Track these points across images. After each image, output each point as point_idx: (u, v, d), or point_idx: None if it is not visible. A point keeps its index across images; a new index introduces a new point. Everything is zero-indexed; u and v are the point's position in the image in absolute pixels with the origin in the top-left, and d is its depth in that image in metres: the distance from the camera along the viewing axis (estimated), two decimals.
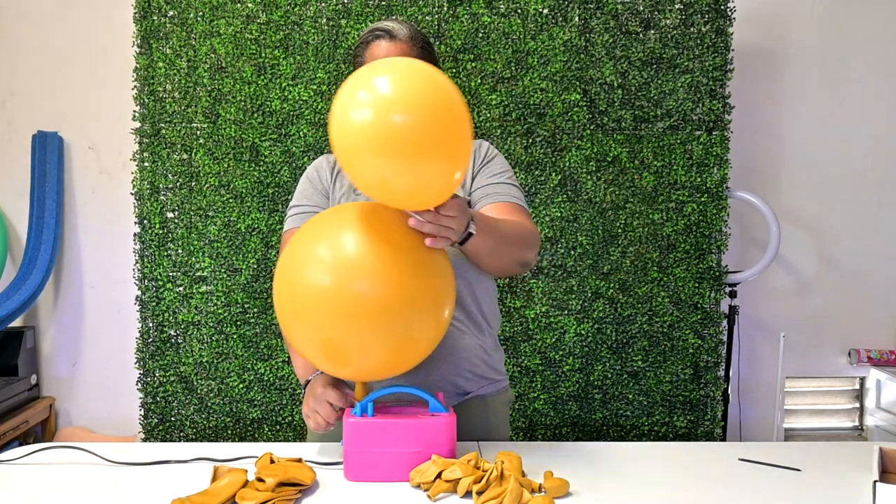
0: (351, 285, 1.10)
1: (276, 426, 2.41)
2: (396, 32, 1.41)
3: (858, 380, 2.90)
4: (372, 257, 1.11)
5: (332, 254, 1.12)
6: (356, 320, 1.11)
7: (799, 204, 2.79)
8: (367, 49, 1.42)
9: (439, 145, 1.05)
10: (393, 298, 1.11)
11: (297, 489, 1.10)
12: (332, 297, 1.10)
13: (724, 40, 2.38)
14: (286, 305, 1.16)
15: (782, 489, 1.17)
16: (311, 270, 1.13)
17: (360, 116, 1.03)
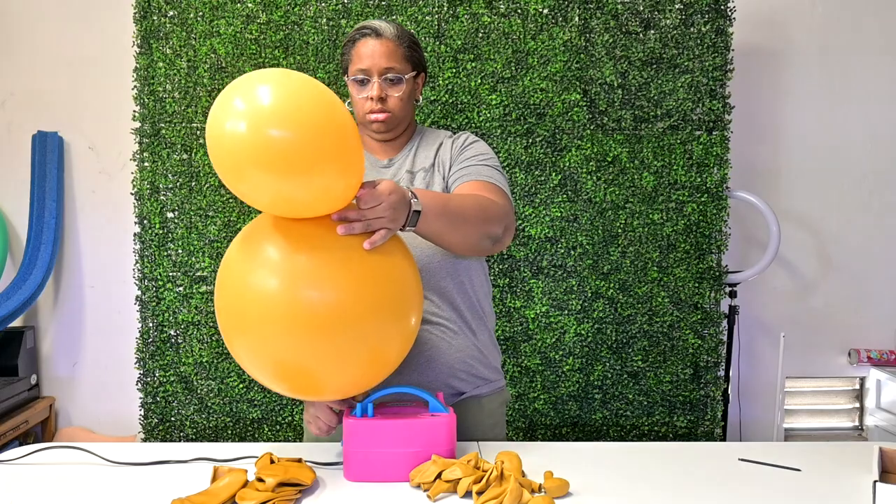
0: (301, 296, 1.03)
1: (276, 426, 2.41)
2: (383, 31, 1.41)
3: (858, 380, 2.90)
4: (321, 266, 1.05)
5: (280, 265, 1.06)
6: (310, 335, 1.04)
7: (799, 204, 2.79)
8: (354, 47, 1.42)
9: (326, 159, 1.01)
10: (347, 308, 1.05)
11: (297, 489, 1.10)
12: (281, 311, 1.03)
13: (724, 40, 2.38)
14: (230, 321, 1.09)
15: (782, 489, 1.17)
16: (259, 281, 1.05)
17: (237, 129, 0.97)
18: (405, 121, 1.47)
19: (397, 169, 1.48)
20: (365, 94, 1.41)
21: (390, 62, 1.40)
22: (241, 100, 0.98)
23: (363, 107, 1.43)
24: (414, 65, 1.45)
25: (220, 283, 1.12)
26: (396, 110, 1.43)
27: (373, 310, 1.08)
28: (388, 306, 1.11)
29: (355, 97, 1.44)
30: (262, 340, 1.06)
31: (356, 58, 1.41)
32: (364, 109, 1.43)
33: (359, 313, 1.07)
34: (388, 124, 1.43)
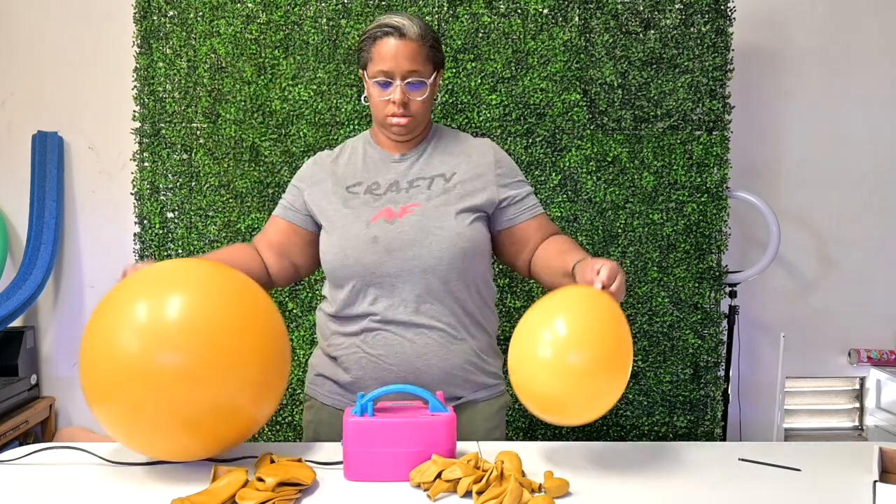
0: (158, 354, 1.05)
1: (276, 426, 2.41)
2: (406, 30, 1.36)
3: (858, 380, 2.90)
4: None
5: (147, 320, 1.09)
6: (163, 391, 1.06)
7: (799, 204, 2.79)
8: (375, 45, 1.38)
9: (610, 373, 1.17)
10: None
11: (297, 489, 1.10)
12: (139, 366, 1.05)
13: (724, 40, 2.38)
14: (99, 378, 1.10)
15: (782, 489, 1.17)
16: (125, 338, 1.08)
17: (543, 353, 1.12)
18: (424, 119, 1.46)
19: (410, 166, 1.46)
20: (387, 98, 1.39)
21: (414, 65, 1.37)
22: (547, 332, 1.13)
23: (384, 109, 1.40)
24: (435, 64, 1.42)
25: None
26: (419, 114, 1.41)
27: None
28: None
29: (375, 98, 1.41)
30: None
31: (377, 57, 1.37)
32: (385, 112, 1.40)
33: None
34: (408, 128, 1.42)
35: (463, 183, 1.43)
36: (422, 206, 1.40)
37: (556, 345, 1.11)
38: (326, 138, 2.35)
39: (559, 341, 1.12)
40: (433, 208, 1.40)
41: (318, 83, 2.35)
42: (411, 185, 1.44)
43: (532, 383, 1.13)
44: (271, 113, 2.35)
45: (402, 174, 1.45)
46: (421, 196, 1.42)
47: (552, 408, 1.14)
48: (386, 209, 1.40)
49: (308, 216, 1.49)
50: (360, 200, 1.43)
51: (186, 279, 1.14)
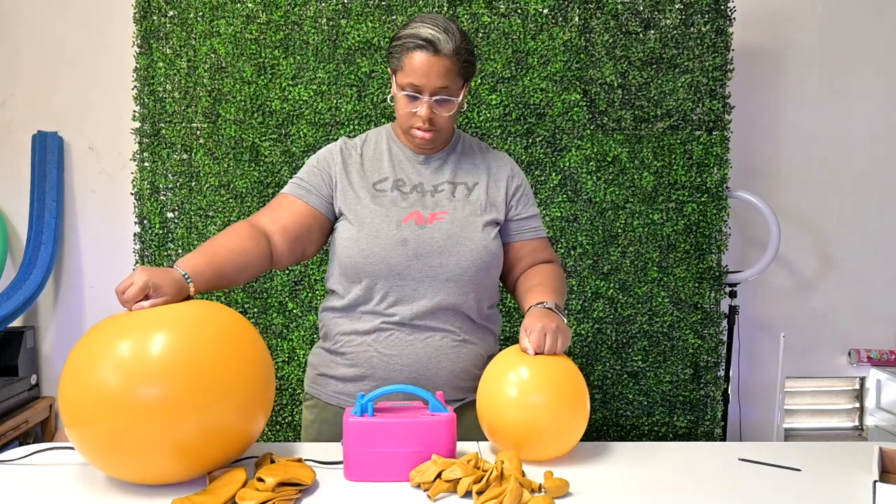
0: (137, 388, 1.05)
1: (276, 426, 2.41)
2: (441, 46, 1.32)
3: (858, 380, 2.90)
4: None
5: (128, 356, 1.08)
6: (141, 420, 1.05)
7: (799, 204, 2.79)
8: (406, 55, 1.34)
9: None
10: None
11: (297, 489, 1.10)
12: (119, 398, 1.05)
13: (724, 40, 2.38)
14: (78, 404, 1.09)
15: (782, 489, 1.17)
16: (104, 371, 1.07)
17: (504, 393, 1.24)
18: (449, 132, 1.46)
19: (434, 170, 1.46)
20: (413, 111, 1.38)
21: (444, 82, 1.34)
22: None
23: (409, 119, 1.39)
24: (466, 77, 1.40)
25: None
26: (444, 128, 1.41)
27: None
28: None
29: (401, 108, 1.40)
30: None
31: (408, 69, 1.34)
32: (410, 122, 1.39)
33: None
34: (432, 141, 1.42)
35: (485, 195, 1.46)
36: (451, 215, 1.41)
37: (521, 386, 1.24)
38: (326, 138, 2.35)
39: (523, 384, 1.24)
40: (462, 218, 1.41)
41: (318, 83, 2.35)
42: (436, 190, 1.44)
43: (501, 419, 1.25)
44: (271, 113, 2.35)
45: (426, 177, 1.45)
46: (447, 203, 1.42)
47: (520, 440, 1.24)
48: (415, 212, 1.40)
49: (330, 204, 1.45)
50: (389, 199, 1.42)
51: (166, 315, 1.15)
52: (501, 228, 1.48)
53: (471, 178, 1.47)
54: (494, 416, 1.25)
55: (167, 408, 1.05)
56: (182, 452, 1.08)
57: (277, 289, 2.37)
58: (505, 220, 1.48)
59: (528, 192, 1.52)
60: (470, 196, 1.44)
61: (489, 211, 1.44)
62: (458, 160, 1.48)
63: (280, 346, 2.38)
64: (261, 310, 2.38)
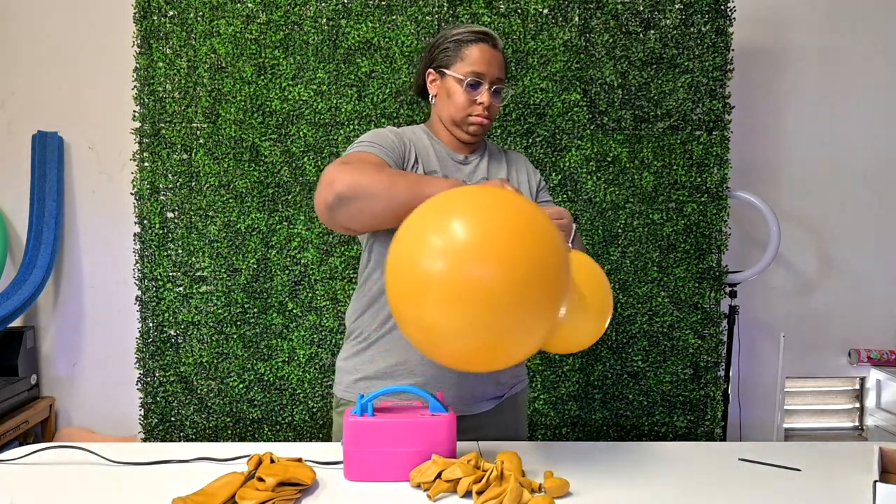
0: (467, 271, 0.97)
1: (276, 426, 2.41)
2: (497, 42, 1.45)
3: (858, 380, 2.90)
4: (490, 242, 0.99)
5: (449, 239, 0.99)
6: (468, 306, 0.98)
7: (799, 204, 2.79)
8: (466, 48, 1.43)
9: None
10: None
11: (297, 489, 1.10)
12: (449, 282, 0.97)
13: (724, 40, 2.38)
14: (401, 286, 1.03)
15: (782, 489, 1.17)
16: (426, 257, 0.99)
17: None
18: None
19: (474, 169, 1.51)
20: (475, 98, 1.44)
21: (501, 73, 1.46)
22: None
23: (467, 108, 1.44)
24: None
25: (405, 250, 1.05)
26: (493, 117, 1.48)
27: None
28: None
29: (460, 97, 1.44)
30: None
31: (470, 60, 1.42)
32: (468, 111, 1.45)
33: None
34: (485, 129, 1.48)
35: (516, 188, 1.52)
36: None
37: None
38: (326, 138, 2.35)
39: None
40: None
41: (318, 83, 2.35)
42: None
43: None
44: (271, 113, 2.35)
45: (467, 176, 1.50)
46: None
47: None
48: None
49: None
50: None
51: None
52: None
53: (501, 174, 1.54)
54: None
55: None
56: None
57: (277, 289, 2.37)
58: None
59: (544, 185, 1.63)
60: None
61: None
62: (488, 161, 1.54)
63: (280, 346, 2.38)
64: (261, 310, 2.38)
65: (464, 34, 1.44)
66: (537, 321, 1.03)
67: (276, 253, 2.37)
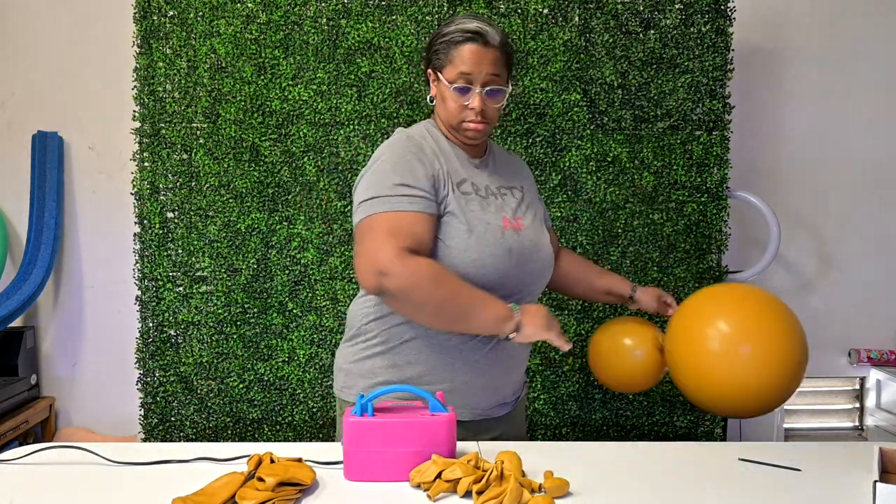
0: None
1: (276, 426, 2.41)
2: (490, 37, 1.35)
3: (858, 380, 2.90)
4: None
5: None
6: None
7: (799, 204, 2.79)
8: (455, 49, 1.35)
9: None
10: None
11: (297, 489, 1.10)
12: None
13: (724, 40, 2.38)
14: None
15: (782, 489, 1.17)
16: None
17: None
18: (493, 128, 1.49)
19: (489, 172, 1.48)
20: (465, 103, 1.37)
21: (495, 70, 1.36)
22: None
23: (459, 114, 1.38)
24: (508, 74, 1.42)
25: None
26: (493, 121, 1.41)
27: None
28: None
29: (451, 102, 1.38)
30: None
31: (458, 61, 1.35)
32: (461, 116, 1.39)
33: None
34: (483, 133, 1.41)
35: (528, 196, 1.52)
36: (525, 219, 1.44)
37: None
38: (326, 138, 2.35)
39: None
40: (531, 220, 1.47)
41: (318, 83, 2.35)
42: (499, 193, 1.45)
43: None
44: (271, 113, 2.35)
45: (485, 179, 1.44)
46: (517, 206, 1.46)
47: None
48: (505, 217, 1.40)
49: (437, 201, 1.36)
50: (476, 202, 1.38)
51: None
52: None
53: (515, 180, 1.52)
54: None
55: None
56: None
57: (277, 289, 2.37)
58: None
59: (534, 183, 1.63)
60: (522, 201, 1.48)
61: (540, 214, 1.54)
62: (495, 163, 1.50)
63: (280, 347, 2.38)
64: (261, 310, 2.38)
65: (454, 33, 1.36)
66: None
67: (276, 253, 2.37)
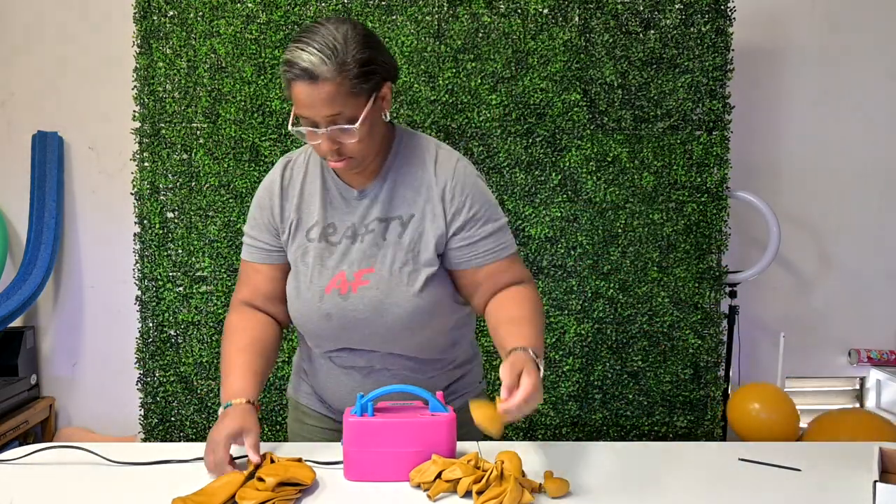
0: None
1: (276, 426, 2.41)
2: (317, 70, 1.12)
3: (858, 380, 2.90)
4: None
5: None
6: None
7: (799, 204, 2.79)
8: (290, 87, 1.17)
9: None
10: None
11: (297, 489, 1.10)
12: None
13: (724, 40, 2.38)
14: None
15: (782, 489, 1.17)
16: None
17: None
18: (372, 153, 1.24)
19: (369, 205, 1.29)
20: (315, 142, 1.20)
21: (334, 108, 1.15)
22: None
23: (319, 152, 1.22)
24: (370, 91, 1.18)
25: None
26: (358, 153, 1.21)
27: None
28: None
29: (308, 141, 1.22)
30: None
31: (295, 101, 1.17)
32: (321, 153, 1.22)
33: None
34: (351, 166, 1.23)
35: (418, 228, 1.27)
36: (376, 273, 1.26)
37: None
38: None
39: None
40: (387, 277, 1.26)
41: None
42: (367, 231, 1.28)
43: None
44: (271, 113, 2.35)
45: (360, 217, 1.29)
46: (374, 253, 1.27)
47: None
48: (340, 275, 1.27)
49: (283, 251, 1.35)
50: (315, 253, 1.29)
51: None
52: (446, 256, 1.29)
53: (407, 207, 1.28)
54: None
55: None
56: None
57: None
58: (448, 248, 1.28)
59: (477, 212, 1.27)
60: (403, 236, 1.27)
61: (423, 252, 1.27)
62: (394, 186, 1.28)
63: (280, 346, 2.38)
64: None
65: (285, 66, 1.16)
66: None
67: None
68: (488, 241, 1.29)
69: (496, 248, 1.30)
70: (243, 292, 1.39)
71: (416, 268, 1.27)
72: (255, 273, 1.37)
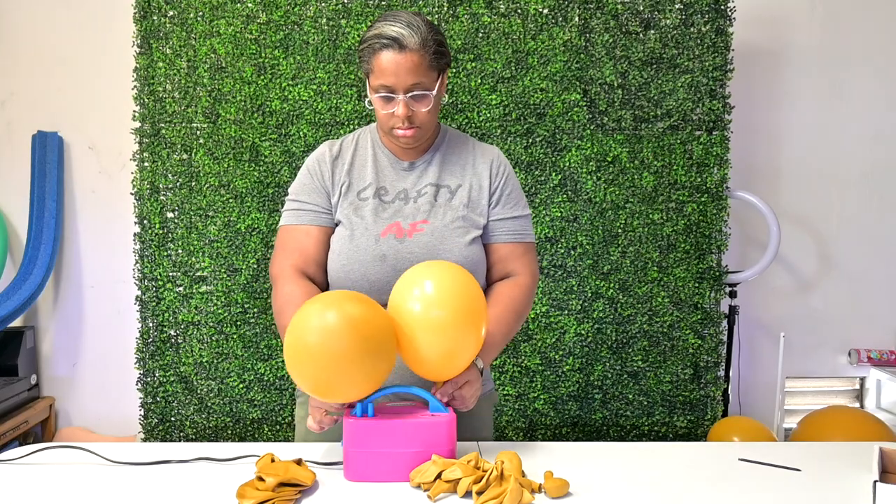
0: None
1: (276, 426, 2.41)
2: (406, 41, 1.28)
3: (858, 380, 2.90)
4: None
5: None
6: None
7: (799, 204, 2.79)
8: (374, 57, 1.31)
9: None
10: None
11: (297, 489, 1.10)
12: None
13: (724, 40, 2.38)
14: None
15: (782, 489, 1.17)
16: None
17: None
18: (433, 126, 1.40)
19: (419, 175, 1.43)
20: (390, 111, 1.33)
21: (416, 77, 1.30)
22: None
23: (388, 121, 1.36)
24: (440, 69, 1.35)
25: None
26: (425, 124, 1.36)
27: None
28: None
29: (379, 110, 1.36)
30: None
31: (377, 70, 1.31)
32: (390, 123, 1.36)
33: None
34: (416, 138, 1.37)
35: (467, 197, 1.42)
36: (431, 224, 1.38)
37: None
38: (326, 138, 2.35)
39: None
40: (441, 228, 1.38)
41: (318, 83, 2.35)
42: (419, 195, 1.41)
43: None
44: (271, 113, 2.35)
45: (411, 183, 1.42)
46: (429, 210, 1.40)
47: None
48: (395, 224, 1.38)
49: (331, 213, 1.43)
50: (370, 208, 1.40)
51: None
52: (483, 230, 1.43)
53: (455, 179, 1.43)
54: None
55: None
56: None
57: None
58: (487, 221, 1.43)
59: (511, 192, 1.45)
60: (452, 200, 1.41)
61: (471, 216, 1.41)
62: (442, 160, 1.44)
63: (280, 346, 2.38)
64: (261, 310, 2.38)
65: (373, 41, 1.31)
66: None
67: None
68: (516, 222, 1.46)
69: (520, 230, 1.46)
70: (294, 258, 1.41)
71: (465, 226, 1.40)
72: (305, 236, 1.42)
